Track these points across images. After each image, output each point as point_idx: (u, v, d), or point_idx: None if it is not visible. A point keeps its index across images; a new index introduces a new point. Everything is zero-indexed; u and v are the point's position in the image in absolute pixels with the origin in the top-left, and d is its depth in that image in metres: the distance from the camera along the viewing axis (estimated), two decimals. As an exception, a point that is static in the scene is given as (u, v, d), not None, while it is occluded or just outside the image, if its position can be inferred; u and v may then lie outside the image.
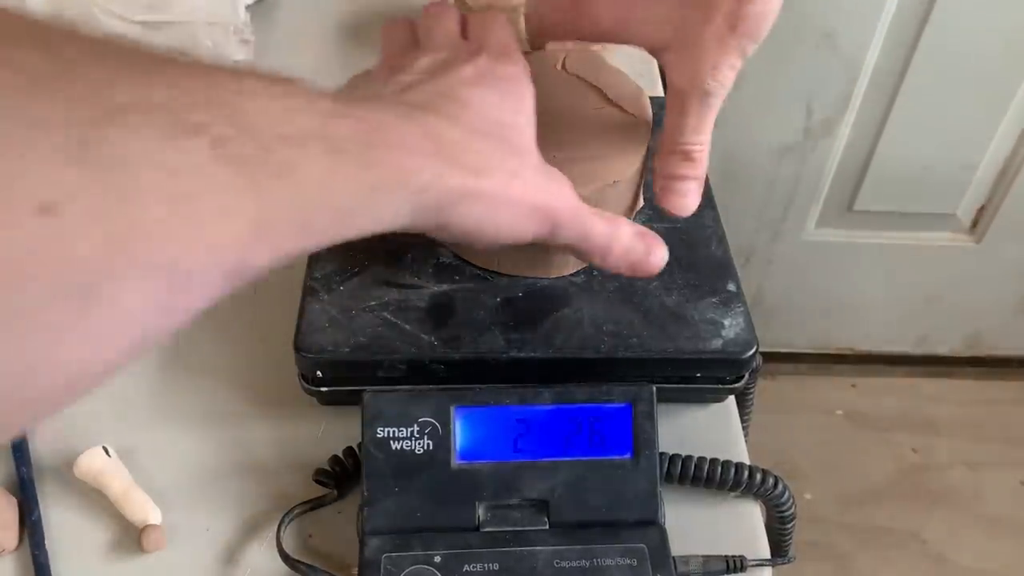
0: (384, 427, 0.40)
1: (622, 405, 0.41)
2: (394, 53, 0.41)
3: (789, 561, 0.45)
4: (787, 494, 0.45)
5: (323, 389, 0.45)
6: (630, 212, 0.49)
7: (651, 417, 0.41)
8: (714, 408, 0.49)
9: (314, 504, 0.43)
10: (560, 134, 0.47)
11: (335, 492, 0.44)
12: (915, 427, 1.52)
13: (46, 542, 0.42)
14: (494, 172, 0.34)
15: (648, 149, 0.47)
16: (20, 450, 0.45)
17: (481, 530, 0.40)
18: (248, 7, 0.69)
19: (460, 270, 0.48)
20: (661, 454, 0.43)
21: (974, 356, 1.58)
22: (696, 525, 0.43)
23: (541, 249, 0.46)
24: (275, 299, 0.50)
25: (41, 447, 0.46)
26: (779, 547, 0.46)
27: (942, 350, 1.57)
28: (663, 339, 0.45)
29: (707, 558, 0.41)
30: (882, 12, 1.12)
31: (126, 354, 0.23)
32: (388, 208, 0.31)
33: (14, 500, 0.43)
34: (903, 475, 1.46)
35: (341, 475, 0.44)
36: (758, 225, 1.39)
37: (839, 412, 1.55)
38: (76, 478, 0.44)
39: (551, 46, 0.68)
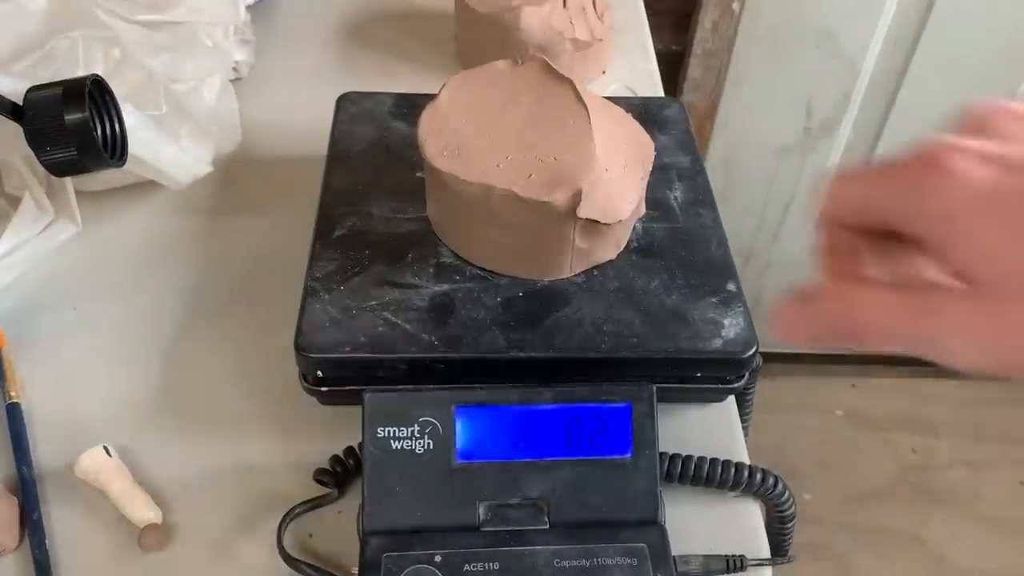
0: (384, 427, 0.40)
1: (622, 405, 0.41)
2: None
3: (789, 561, 0.45)
4: (787, 494, 0.45)
5: (323, 389, 0.45)
6: (634, 216, 0.49)
7: (651, 417, 0.41)
8: (714, 408, 0.49)
9: (315, 504, 0.43)
10: (557, 139, 0.47)
11: (336, 492, 0.44)
12: (915, 427, 1.52)
13: (47, 542, 0.42)
14: None
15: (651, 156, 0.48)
16: (21, 450, 0.45)
17: (481, 529, 0.40)
18: (249, 7, 0.69)
19: (460, 270, 0.48)
20: (661, 454, 0.43)
21: (974, 356, 1.58)
22: (696, 525, 0.43)
23: (542, 250, 0.46)
24: (275, 299, 0.50)
25: (42, 447, 0.46)
26: (779, 547, 0.46)
27: (942, 350, 1.57)
28: (663, 339, 0.45)
29: (707, 557, 0.41)
30: (882, 12, 1.12)
31: None
32: None
33: (15, 500, 0.43)
34: (903, 475, 1.46)
35: (342, 475, 0.44)
36: (758, 226, 1.38)
37: (839, 412, 1.55)
38: (77, 478, 0.44)
39: (557, 51, 0.68)
